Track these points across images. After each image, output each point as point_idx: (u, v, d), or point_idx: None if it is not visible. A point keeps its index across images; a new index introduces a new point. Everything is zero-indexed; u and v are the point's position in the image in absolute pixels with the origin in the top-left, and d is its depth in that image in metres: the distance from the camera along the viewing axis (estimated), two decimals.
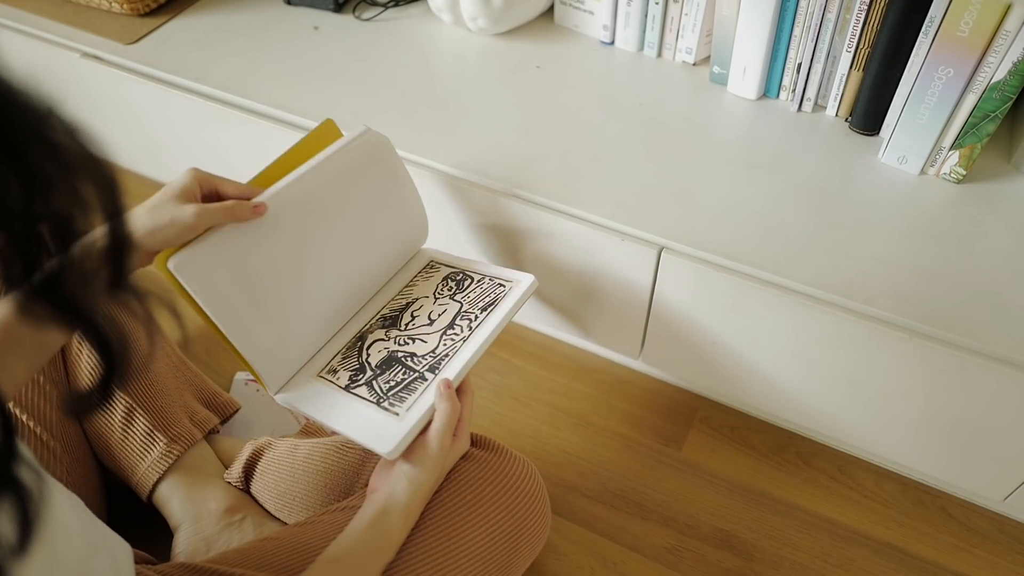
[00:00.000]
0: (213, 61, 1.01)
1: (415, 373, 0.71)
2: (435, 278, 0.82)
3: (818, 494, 0.92)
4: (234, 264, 0.68)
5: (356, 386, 0.72)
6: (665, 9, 0.94)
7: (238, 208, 0.66)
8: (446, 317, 0.77)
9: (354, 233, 0.77)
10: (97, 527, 0.53)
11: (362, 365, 0.74)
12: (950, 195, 0.81)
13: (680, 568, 0.86)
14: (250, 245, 0.69)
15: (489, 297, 0.77)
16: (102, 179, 0.34)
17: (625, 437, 0.98)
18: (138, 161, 1.21)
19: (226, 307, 0.68)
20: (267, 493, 0.82)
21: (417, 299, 0.80)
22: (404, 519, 0.64)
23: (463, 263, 0.83)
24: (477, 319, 0.75)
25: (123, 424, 0.81)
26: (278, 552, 0.67)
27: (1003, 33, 0.70)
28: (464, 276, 0.81)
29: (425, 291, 0.81)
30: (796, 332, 0.77)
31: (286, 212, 0.71)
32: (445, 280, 0.81)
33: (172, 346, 0.91)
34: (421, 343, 0.74)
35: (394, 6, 1.10)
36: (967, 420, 0.76)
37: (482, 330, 0.73)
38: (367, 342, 0.76)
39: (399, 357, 0.74)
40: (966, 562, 0.86)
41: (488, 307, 0.76)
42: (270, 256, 0.70)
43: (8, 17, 1.08)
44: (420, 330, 0.76)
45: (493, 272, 0.80)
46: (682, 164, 0.86)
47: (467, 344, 0.72)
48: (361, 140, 0.77)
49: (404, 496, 0.64)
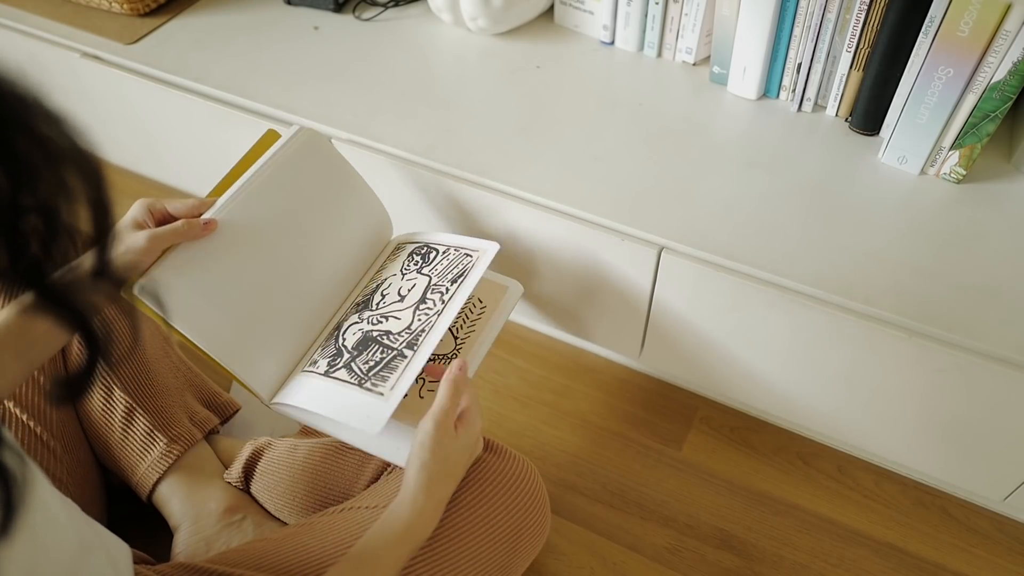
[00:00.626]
0: (213, 61, 1.01)
1: (393, 351, 0.71)
2: (401, 256, 0.83)
3: (818, 494, 0.92)
4: (197, 280, 0.70)
5: (335, 370, 0.72)
6: (665, 9, 0.94)
7: (189, 227, 0.69)
8: (416, 292, 0.77)
9: (312, 231, 0.78)
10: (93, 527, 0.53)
11: (339, 350, 0.74)
12: (950, 195, 0.81)
13: (680, 568, 0.86)
14: (210, 259, 0.71)
15: (458, 268, 0.77)
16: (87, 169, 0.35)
17: (625, 437, 0.98)
18: (138, 161, 1.21)
19: (198, 324, 0.69)
20: (267, 493, 0.82)
21: (386, 279, 0.80)
22: (413, 509, 0.62)
23: (426, 236, 0.83)
24: (448, 291, 0.75)
25: (123, 424, 0.81)
26: (278, 552, 0.67)
27: (1003, 33, 0.70)
28: (429, 249, 0.81)
29: (392, 270, 0.81)
30: (796, 332, 0.77)
31: (238, 221, 0.73)
32: (411, 256, 0.82)
33: (172, 346, 0.91)
34: (395, 320, 0.74)
35: (394, 6, 1.10)
36: (967, 420, 0.76)
37: (455, 302, 0.74)
38: (342, 328, 0.77)
39: (374, 336, 0.74)
40: (966, 562, 0.86)
41: (458, 278, 0.76)
42: (232, 266, 0.72)
43: (8, 17, 1.08)
44: (391, 307, 0.76)
45: (458, 242, 0.80)
46: (682, 164, 0.86)
47: (441, 317, 0.72)
48: (297, 139, 0.79)
49: (412, 482, 0.62)
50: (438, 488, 0.63)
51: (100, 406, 0.81)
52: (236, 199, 0.74)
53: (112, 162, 1.25)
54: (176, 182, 1.23)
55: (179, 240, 0.69)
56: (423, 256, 0.81)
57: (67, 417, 0.80)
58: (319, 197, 0.79)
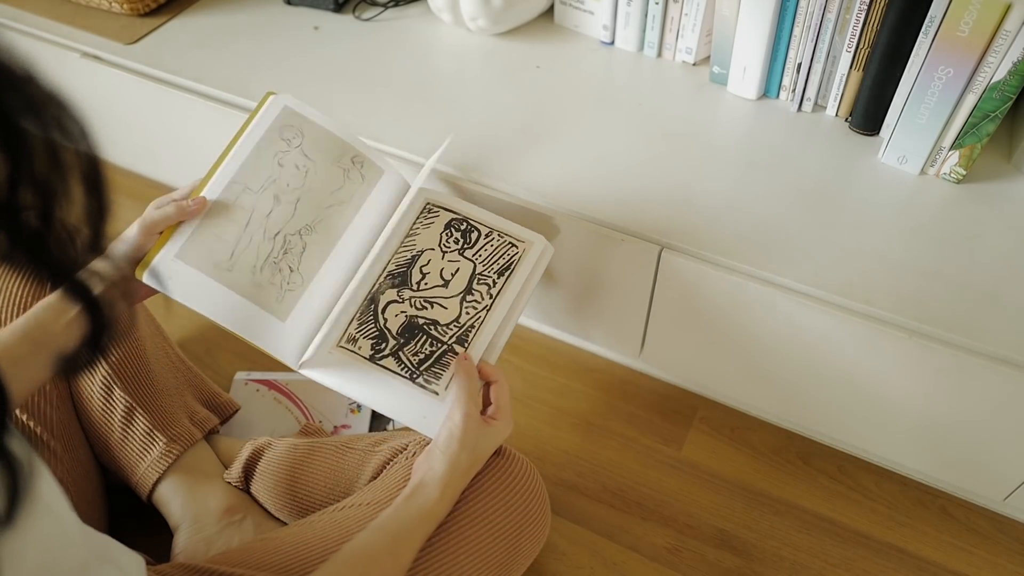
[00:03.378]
0: (213, 61, 1.01)
1: (443, 345, 0.73)
2: (435, 224, 0.80)
3: (818, 494, 0.92)
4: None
5: (381, 356, 0.72)
6: (665, 9, 0.94)
7: (178, 209, 0.71)
8: (461, 279, 0.77)
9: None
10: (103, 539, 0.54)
11: (382, 332, 0.74)
12: (950, 195, 0.81)
13: (680, 568, 0.86)
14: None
15: (503, 259, 0.77)
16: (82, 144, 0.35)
17: (625, 437, 0.98)
18: (138, 161, 1.21)
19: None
20: (267, 493, 0.82)
21: (423, 251, 0.78)
22: (441, 491, 0.65)
23: (465, 208, 0.81)
24: (495, 284, 0.76)
25: (123, 424, 0.81)
26: (278, 552, 0.67)
27: (1003, 33, 0.70)
28: (470, 227, 0.80)
29: (429, 242, 0.79)
30: (796, 332, 0.77)
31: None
32: (448, 229, 0.80)
33: (172, 346, 0.91)
34: (441, 308, 0.75)
35: (394, 6, 1.10)
36: (967, 420, 0.76)
37: (503, 299, 0.75)
38: (380, 304, 0.75)
39: (420, 324, 0.74)
40: (966, 562, 0.86)
41: (504, 271, 0.76)
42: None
43: (8, 17, 1.09)
44: (435, 292, 0.76)
45: (501, 226, 0.80)
46: (682, 164, 0.86)
47: (491, 314, 0.74)
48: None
49: (441, 468, 0.65)
50: (461, 478, 0.67)
51: (100, 406, 0.81)
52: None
53: (112, 162, 1.25)
54: (176, 182, 1.23)
55: (171, 222, 0.71)
56: (464, 234, 0.79)
57: (67, 417, 0.81)
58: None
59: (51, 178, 0.34)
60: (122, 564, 0.54)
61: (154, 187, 1.30)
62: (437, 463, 0.66)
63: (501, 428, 0.69)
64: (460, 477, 0.67)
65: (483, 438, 0.68)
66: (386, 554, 0.61)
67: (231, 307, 0.72)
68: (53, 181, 0.34)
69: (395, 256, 0.78)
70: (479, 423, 0.67)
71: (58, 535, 0.42)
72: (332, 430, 0.97)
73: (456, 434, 0.66)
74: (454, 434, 0.66)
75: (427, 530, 0.64)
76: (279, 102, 0.78)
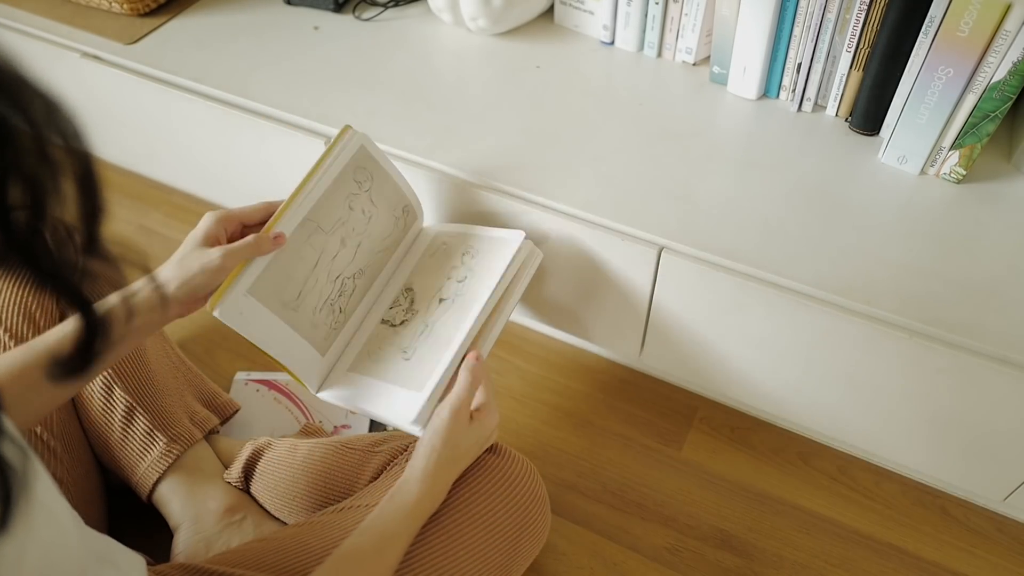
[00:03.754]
0: (213, 61, 1.01)
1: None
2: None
3: (818, 494, 0.92)
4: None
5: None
6: (665, 9, 0.94)
7: (260, 242, 0.70)
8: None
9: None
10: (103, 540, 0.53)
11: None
12: (950, 195, 0.81)
13: (680, 568, 0.86)
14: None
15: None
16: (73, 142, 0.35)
17: (625, 437, 0.98)
18: (138, 161, 1.21)
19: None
20: (267, 493, 0.82)
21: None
22: (421, 487, 0.65)
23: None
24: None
25: (123, 424, 0.81)
26: (278, 552, 0.67)
27: (1003, 33, 0.70)
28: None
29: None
30: (796, 332, 0.77)
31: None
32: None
33: (172, 346, 0.91)
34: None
35: (394, 6, 1.10)
36: (967, 420, 0.76)
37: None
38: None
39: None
40: (966, 562, 0.86)
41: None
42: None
43: (8, 17, 1.08)
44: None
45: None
46: (682, 164, 0.86)
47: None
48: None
49: (420, 463, 0.66)
50: (445, 472, 0.67)
51: (100, 406, 0.81)
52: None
53: (112, 162, 1.25)
54: (176, 182, 1.23)
55: (252, 255, 0.70)
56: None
57: (67, 417, 0.81)
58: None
59: (41, 176, 0.33)
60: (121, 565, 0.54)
61: (154, 187, 1.30)
62: (418, 459, 0.66)
63: (486, 420, 0.70)
64: (443, 471, 0.67)
65: (469, 434, 0.68)
66: (373, 555, 0.61)
67: (289, 344, 0.74)
68: (43, 179, 0.33)
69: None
70: (464, 419, 0.68)
71: (56, 538, 0.42)
72: (332, 430, 0.97)
73: (440, 429, 0.67)
74: (438, 430, 0.67)
75: (413, 527, 0.64)
76: (356, 141, 0.79)
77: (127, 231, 1.24)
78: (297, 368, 0.75)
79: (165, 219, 1.26)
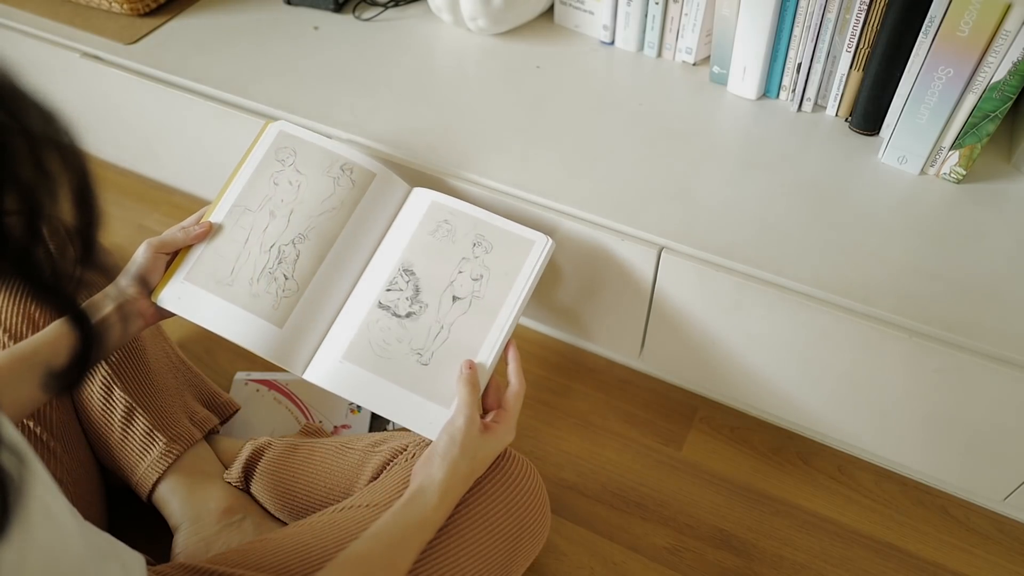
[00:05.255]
0: (213, 61, 1.01)
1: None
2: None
3: (818, 494, 0.92)
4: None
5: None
6: (665, 9, 0.94)
7: (185, 232, 0.77)
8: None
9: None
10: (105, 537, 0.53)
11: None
12: (950, 195, 0.81)
13: (680, 568, 0.86)
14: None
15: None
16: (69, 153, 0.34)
17: (625, 437, 0.98)
18: (138, 161, 1.21)
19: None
20: (267, 493, 0.82)
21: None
22: (439, 498, 0.64)
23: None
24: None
25: (123, 424, 0.81)
26: (278, 552, 0.66)
27: (1003, 33, 0.70)
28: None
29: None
30: (796, 332, 0.77)
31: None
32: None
33: (172, 346, 0.91)
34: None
35: (394, 6, 1.10)
36: (967, 420, 0.76)
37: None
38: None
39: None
40: (966, 562, 0.86)
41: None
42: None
43: (8, 17, 1.08)
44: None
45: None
46: (682, 164, 0.86)
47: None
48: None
49: (440, 474, 0.65)
50: (462, 485, 0.67)
51: (100, 406, 0.81)
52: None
53: (112, 162, 1.25)
54: (176, 182, 1.23)
55: (179, 245, 0.77)
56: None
57: (67, 417, 0.80)
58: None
59: (35, 182, 0.33)
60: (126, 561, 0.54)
61: (154, 187, 1.30)
62: (436, 469, 0.65)
63: (502, 434, 0.69)
64: (459, 484, 0.66)
65: (484, 445, 0.68)
66: (383, 562, 0.61)
67: (232, 319, 0.76)
68: (39, 190, 0.33)
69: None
70: (480, 429, 0.68)
71: (57, 540, 0.42)
72: (332, 430, 0.97)
73: (457, 439, 0.66)
74: (455, 439, 0.66)
75: (425, 537, 0.64)
76: (275, 128, 0.84)
77: (127, 231, 1.24)
78: (248, 342, 0.75)
79: (165, 219, 1.26)
